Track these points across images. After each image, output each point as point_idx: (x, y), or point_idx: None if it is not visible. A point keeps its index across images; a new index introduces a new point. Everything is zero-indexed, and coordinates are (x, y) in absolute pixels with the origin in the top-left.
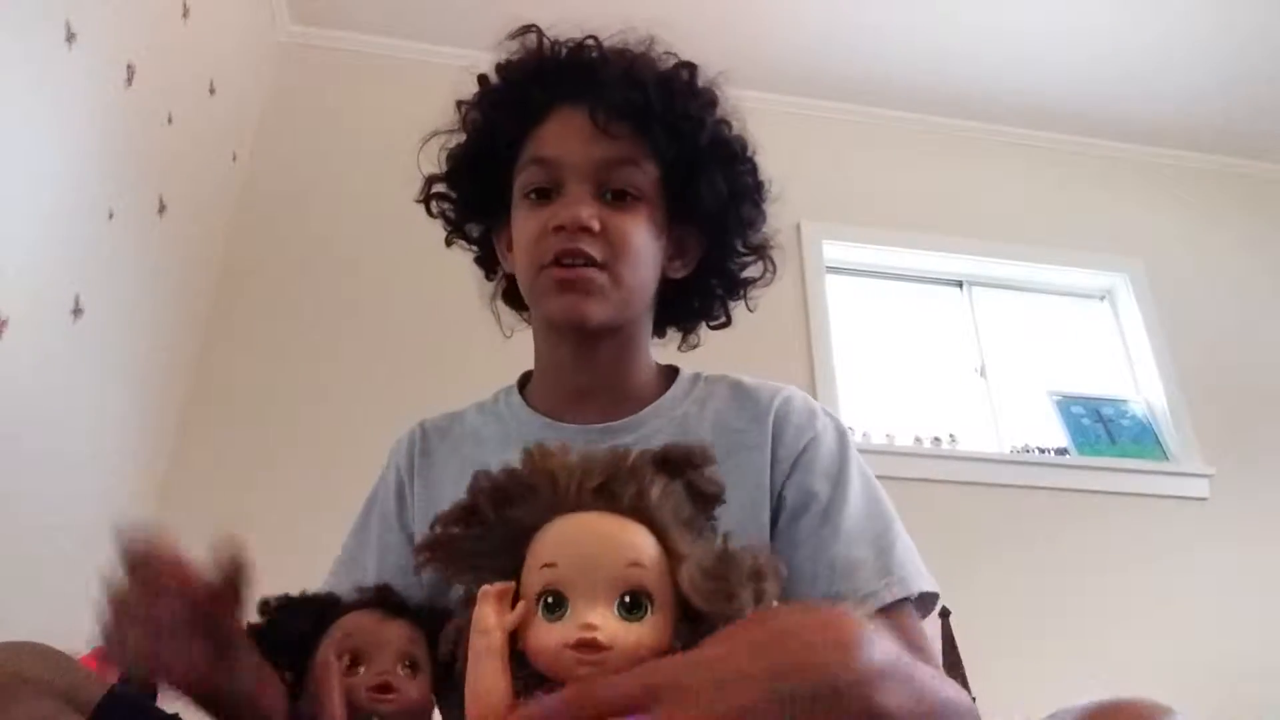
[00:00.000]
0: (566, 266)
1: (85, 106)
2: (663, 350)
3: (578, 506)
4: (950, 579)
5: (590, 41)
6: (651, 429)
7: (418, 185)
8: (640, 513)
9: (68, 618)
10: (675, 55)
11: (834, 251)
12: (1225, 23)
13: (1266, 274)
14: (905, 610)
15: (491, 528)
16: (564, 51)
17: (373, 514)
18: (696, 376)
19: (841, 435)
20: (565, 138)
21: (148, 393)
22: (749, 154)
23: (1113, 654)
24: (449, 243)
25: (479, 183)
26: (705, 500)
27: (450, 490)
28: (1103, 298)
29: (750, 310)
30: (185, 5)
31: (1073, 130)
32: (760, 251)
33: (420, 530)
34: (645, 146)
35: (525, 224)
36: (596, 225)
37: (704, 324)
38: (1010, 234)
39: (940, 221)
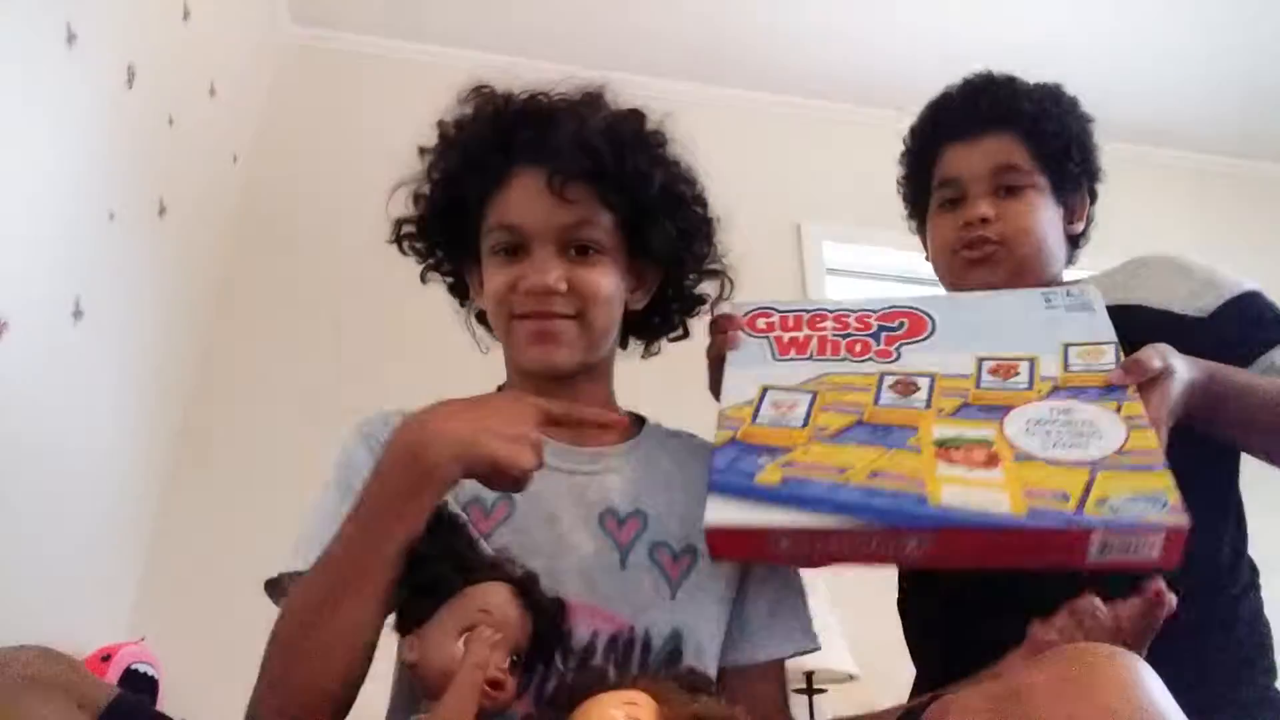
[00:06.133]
0: (537, 318)
1: (85, 107)
2: (629, 358)
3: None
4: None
5: (541, 99)
6: (631, 459)
7: (411, 189)
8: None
9: (68, 617)
10: (621, 103)
11: (835, 253)
12: (1226, 23)
13: (1267, 275)
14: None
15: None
16: (516, 113)
17: (346, 494)
18: (656, 424)
19: None
20: (526, 204)
21: (149, 394)
22: (697, 191)
23: None
24: (424, 278)
25: (447, 232)
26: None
27: None
28: None
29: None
30: (186, 6)
31: None
32: (715, 274)
33: None
34: (600, 201)
35: (495, 278)
36: (564, 286)
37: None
38: None
39: None
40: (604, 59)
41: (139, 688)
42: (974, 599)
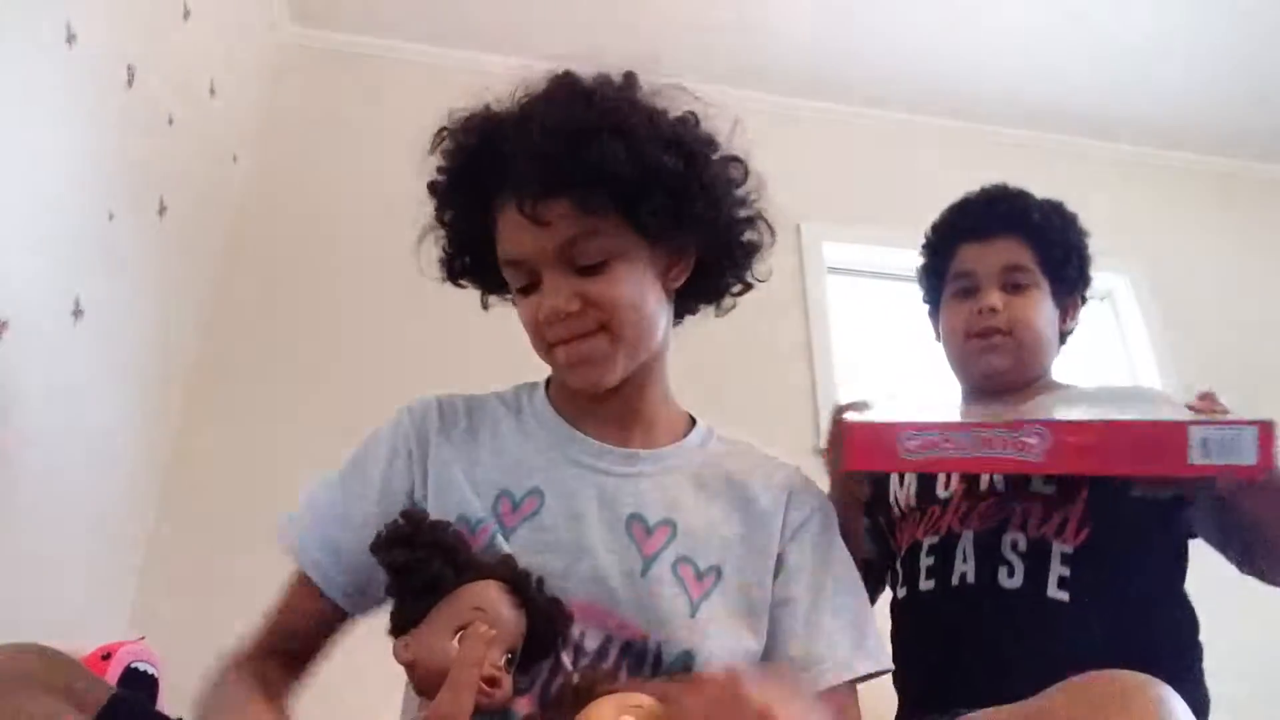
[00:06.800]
0: (568, 342)
1: (85, 107)
2: (699, 322)
3: None
4: None
5: (495, 118)
6: (670, 465)
7: (415, 189)
8: None
9: (68, 617)
10: (568, 87)
11: (835, 253)
12: (1226, 23)
13: (1268, 275)
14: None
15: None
16: (476, 140)
17: (368, 470)
18: (710, 430)
19: (834, 516)
20: (516, 236)
21: (148, 394)
22: (686, 145)
23: None
24: (485, 304)
25: (481, 269)
26: None
27: (460, 469)
28: (1103, 299)
29: (761, 280)
30: (185, 6)
31: (1073, 131)
32: (749, 221)
33: (417, 499)
34: (580, 208)
35: (521, 313)
36: (576, 305)
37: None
38: None
39: None
40: (601, 59)
41: (139, 686)
42: (961, 631)
